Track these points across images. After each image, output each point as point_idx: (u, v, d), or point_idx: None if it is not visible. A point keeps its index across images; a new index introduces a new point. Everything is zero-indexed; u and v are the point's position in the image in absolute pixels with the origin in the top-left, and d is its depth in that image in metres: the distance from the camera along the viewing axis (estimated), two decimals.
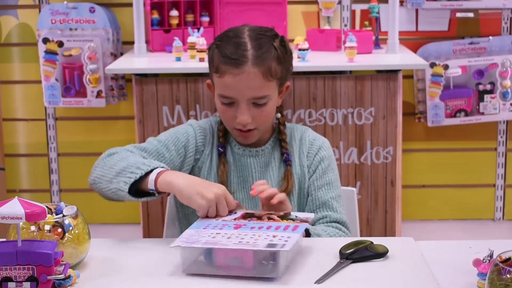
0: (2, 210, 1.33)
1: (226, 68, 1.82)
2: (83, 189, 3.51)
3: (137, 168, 1.70)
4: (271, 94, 1.86)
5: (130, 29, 3.18)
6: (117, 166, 1.74)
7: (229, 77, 1.82)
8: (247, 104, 1.83)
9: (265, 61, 1.81)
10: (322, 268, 1.50)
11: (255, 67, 1.80)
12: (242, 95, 1.82)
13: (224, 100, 1.86)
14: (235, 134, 1.91)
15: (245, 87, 1.81)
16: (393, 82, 2.91)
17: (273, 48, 1.84)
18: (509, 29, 3.40)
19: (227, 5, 3.20)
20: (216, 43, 1.89)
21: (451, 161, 3.50)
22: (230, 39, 1.86)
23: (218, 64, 1.84)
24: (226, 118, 1.89)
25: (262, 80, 1.82)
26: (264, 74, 1.81)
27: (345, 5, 3.36)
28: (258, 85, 1.82)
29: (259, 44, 1.83)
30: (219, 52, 1.85)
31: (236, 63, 1.81)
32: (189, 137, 1.92)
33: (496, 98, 3.35)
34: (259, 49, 1.82)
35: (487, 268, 1.36)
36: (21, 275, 1.35)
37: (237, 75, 1.81)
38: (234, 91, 1.82)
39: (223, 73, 1.83)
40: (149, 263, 1.56)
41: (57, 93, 3.27)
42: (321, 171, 1.94)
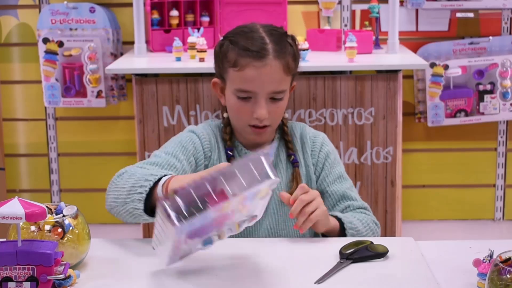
0: (2, 210, 1.33)
1: (247, 61, 1.78)
2: (83, 189, 3.51)
3: (145, 180, 1.62)
4: (287, 90, 1.84)
5: (130, 29, 3.18)
6: (127, 185, 1.67)
7: (251, 70, 1.78)
8: (266, 99, 1.80)
9: (284, 55, 1.80)
10: (322, 268, 1.50)
11: (276, 60, 1.78)
12: (263, 88, 1.79)
13: (242, 94, 1.81)
14: (248, 132, 1.86)
15: (267, 80, 1.78)
16: (393, 82, 2.91)
17: (289, 44, 1.83)
18: (509, 29, 3.40)
19: (227, 5, 3.20)
20: (229, 38, 1.84)
21: (451, 161, 3.50)
22: (245, 34, 1.82)
23: (237, 58, 1.79)
24: (241, 114, 1.83)
25: (282, 74, 1.80)
26: (284, 68, 1.80)
27: (345, 5, 3.36)
28: (279, 79, 1.80)
29: (276, 39, 1.81)
30: (236, 46, 1.80)
31: (258, 55, 1.77)
32: (195, 145, 1.86)
33: (496, 98, 3.35)
34: (278, 44, 1.80)
35: (487, 268, 1.36)
36: (21, 275, 1.35)
37: (260, 68, 1.77)
38: (256, 84, 1.79)
39: (244, 66, 1.78)
40: (149, 263, 1.56)
41: (57, 93, 3.27)
42: (329, 167, 1.93)
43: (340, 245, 1.59)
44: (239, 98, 1.81)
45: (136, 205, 1.61)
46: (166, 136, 2.93)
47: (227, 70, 1.83)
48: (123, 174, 1.73)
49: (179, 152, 1.81)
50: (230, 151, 1.88)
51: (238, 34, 1.83)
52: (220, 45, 1.86)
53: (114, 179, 1.75)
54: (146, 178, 1.62)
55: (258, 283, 1.45)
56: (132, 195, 1.62)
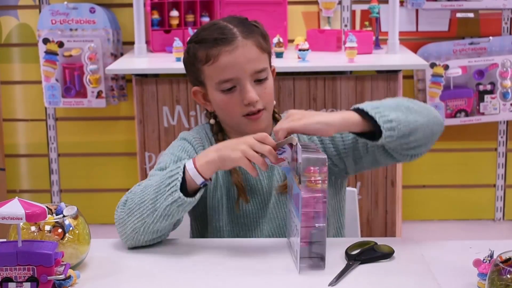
0: (2, 211, 1.33)
1: (218, 49, 1.72)
2: (83, 189, 3.51)
3: (169, 177, 1.57)
4: (268, 69, 1.77)
5: (130, 29, 3.18)
6: (147, 196, 1.59)
7: (225, 56, 1.71)
8: (250, 82, 1.73)
9: (253, 34, 1.74)
10: (331, 270, 1.49)
11: (247, 40, 1.73)
12: (244, 70, 1.72)
13: (225, 85, 1.73)
14: (244, 123, 1.76)
15: (244, 61, 1.72)
16: (393, 83, 2.91)
17: (254, 26, 1.78)
18: (509, 29, 3.40)
19: (227, 6, 3.20)
20: (193, 40, 1.78)
21: (451, 161, 3.50)
22: (208, 28, 1.77)
23: (207, 52, 1.73)
24: (230, 107, 1.76)
25: (257, 51, 1.74)
26: (257, 45, 1.74)
27: (345, 6, 3.36)
28: (256, 57, 1.73)
29: (240, 24, 1.76)
30: (202, 43, 1.75)
31: (227, 40, 1.72)
32: (189, 153, 1.78)
33: (496, 98, 3.35)
34: (243, 26, 1.75)
35: (487, 268, 1.35)
36: (22, 275, 1.35)
37: (232, 52, 1.71)
38: (234, 69, 1.72)
39: (217, 56, 1.72)
40: (149, 263, 1.56)
41: (57, 94, 3.27)
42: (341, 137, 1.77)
43: (345, 246, 1.59)
44: (224, 92, 1.74)
45: (174, 197, 1.55)
46: (166, 136, 2.93)
47: (201, 70, 1.76)
48: (129, 199, 1.64)
49: (173, 164, 1.73)
50: None
51: (200, 32, 1.78)
52: (186, 51, 1.81)
53: (120, 210, 1.65)
54: (168, 176, 1.58)
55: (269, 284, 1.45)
56: (162, 196, 1.57)
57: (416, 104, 1.70)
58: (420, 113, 1.67)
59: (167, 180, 1.57)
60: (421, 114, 1.67)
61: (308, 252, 1.50)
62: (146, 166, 2.96)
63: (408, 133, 1.64)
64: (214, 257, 1.58)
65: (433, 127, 1.70)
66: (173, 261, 1.56)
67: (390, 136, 1.61)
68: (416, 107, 1.68)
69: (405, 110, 1.65)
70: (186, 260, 1.57)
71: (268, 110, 1.78)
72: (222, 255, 1.59)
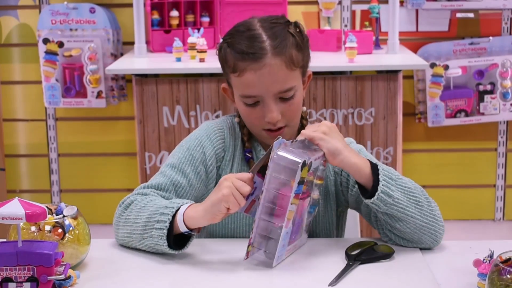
0: (2, 211, 1.33)
1: (244, 65, 1.65)
2: (83, 189, 3.51)
3: (160, 214, 1.55)
4: (297, 85, 1.69)
5: (130, 29, 3.18)
6: (140, 220, 1.59)
7: (250, 74, 1.65)
8: (274, 100, 1.67)
9: (285, 50, 1.65)
10: (331, 270, 1.49)
11: (276, 58, 1.64)
12: (267, 91, 1.65)
13: (247, 100, 1.68)
14: (264, 136, 1.73)
15: (269, 81, 1.65)
16: (393, 83, 2.91)
17: (290, 35, 1.68)
18: (509, 29, 3.40)
19: (227, 6, 3.20)
20: (227, 41, 1.70)
21: (451, 162, 3.50)
22: (241, 34, 1.68)
23: (235, 62, 1.67)
24: (252, 120, 1.71)
25: (286, 71, 1.65)
26: (286, 64, 1.65)
27: (345, 6, 3.36)
28: (283, 77, 1.65)
29: (275, 33, 1.67)
30: (233, 50, 1.67)
31: (254, 57, 1.64)
32: (205, 150, 1.74)
33: (496, 98, 3.35)
34: (276, 38, 1.66)
35: (487, 269, 1.35)
36: (22, 275, 1.35)
37: (258, 70, 1.64)
38: (258, 88, 1.66)
39: (243, 70, 1.65)
40: (149, 263, 1.56)
41: (57, 94, 3.27)
42: None
43: (345, 246, 1.59)
44: (246, 105, 1.69)
45: (158, 242, 1.55)
46: (166, 136, 2.93)
47: (229, 76, 1.71)
48: (131, 206, 1.64)
49: (186, 164, 1.72)
50: (249, 152, 1.77)
51: (234, 35, 1.70)
52: (219, 48, 1.74)
53: (121, 211, 1.65)
54: (161, 212, 1.56)
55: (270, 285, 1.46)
56: (150, 231, 1.56)
57: (430, 207, 1.63)
58: (424, 216, 1.61)
59: (159, 216, 1.56)
60: (424, 217, 1.61)
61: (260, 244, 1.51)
62: (146, 166, 2.96)
63: (398, 219, 1.60)
64: (214, 257, 1.58)
65: (424, 236, 1.62)
66: (173, 261, 1.56)
67: (377, 205, 1.57)
68: (427, 208, 1.62)
69: (413, 202, 1.60)
70: (186, 260, 1.57)
71: (291, 126, 1.74)
72: (222, 255, 1.59)
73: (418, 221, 1.59)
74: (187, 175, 1.71)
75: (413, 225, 1.59)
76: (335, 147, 1.56)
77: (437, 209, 1.65)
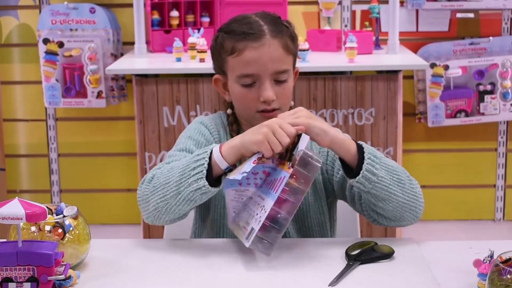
0: (2, 211, 1.33)
1: (244, 44, 1.74)
2: (83, 189, 3.51)
3: (195, 161, 1.58)
4: (290, 71, 1.79)
5: (131, 29, 3.18)
6: (172, 179, 1.60)
7: (250, 51, 1.74)
8: (270, 80, 1.75)
9: (281, 34, 1.76)
10: (331, 270, 1.49)
11: (274, 39, 1.75)
12: (265, 69, 1.74)
13: (245, 80, 1.76)
14: (257, 119, 1.76)
15: (267, 59, 1.74)
16: (393, 83, 2.91)
17: (284, 26, 1.80)
18: (509, 29, 3.40)
19: (227, 6, 3.20)
20: (224, 29, 1.81)
21: (451, 162, 3.50)
22: (239, 21, 1.80)
23: (234, 44, 1.76)
24: (247, 101, 1.78)
25: (283, 52, 1.76)
26: (283, 46, 1.76)
27: (345, 6, 3.36)
28: (280, 57, 1.75)
29: (271, 21, 1.79)
30: (231, 34, 1.77)
31: (255, 36, 1.74)
32: (205, 136, 1.82)
33: (497, 98, 3.35)
34: (273, 24, 1.77)
35: (487, 269, 1.36)
36: (22, 275, 1.35)
37: (258, 48, 1.74)
38: (256, 65, 1.74)
39: (242, 49, 1.75)
40: (149, 263, 1.56)
41: (57, 94, 3.27)
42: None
43: (345, 246, 1.59)
44: (243, 86, 1.76)
45: (200, 185, 1.56)
46: (166, 136, 2.93)
47: (225, 60, 1.79)
48: (155, 176, 1.64)
49: (192, 146, 1.77)
50: None
51: (231, 23, 1.81)
52: (215, 38, 1.83)
53: (146, 185, 1.65)
54: (194, 160, 1.58)
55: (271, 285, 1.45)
56: (185, 182, 1.57)
57: (411, 185, 1.70)
58: (406, 193, 1.67)
59: (194, 164, 1.58)
60: (406, 194, 1.67)
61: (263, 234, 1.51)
62: (146, 166, 2.96)
63: (381, 198, 1.63)
64: (214, 257, 1.58)
65: (406, 213, 1.69)
66: (173, 261, 1.56)
67: (362, 184, 1.60)
68: (408, 187, 1.68)
69: (396, 180, 1.65)
70: (186, 260, 1.57)
71: (283, 110, 1.79)
72: (222, 255, 1.59)
73: (400, 198, 1.65)
74: None
75: (396, 203, 1.65)
76: (324, 128, 1.61)
77: (418, 186, 1.72)
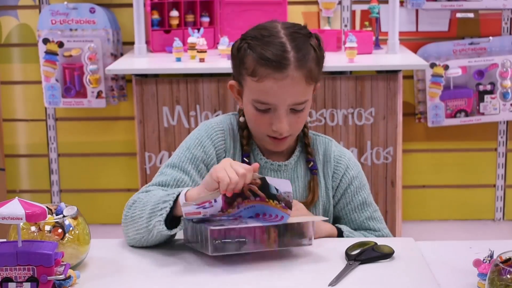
0: (2, 211, 1.33)
1: (267, 72, 1.64)
2: (83, 189, 3.51)
3: (163, 202, 1.55)
4: (309, 99, 1.71)
5: (130, 29, 3.18)
6: (144, 214, 1.59)
7: (271, 82, 1.64)
8: (286, 111, 1.67)
9: (306, 64, 1.66)
10: (331, 270, 1.49)
11: (298, 71, 1.65)
12: (284, 101, 1.65)
13: (260, 106, 1.67)
14: (267, 142, 1.73)
15: (288, 93, 1.65)
16: (393, 83, 2.91)
17: (312, 49, 1.69)
18: (509, 29, 3.40)
19: (227, 6, 3.20)
20: (248, 41, 1.68)
21: (451, 162, 3.50)
22: (264, 38, 1.66)
23: (255, 66, 1.65)
24: (259, 125, 1.71)
25: (304, 85, 1.67)
26: (306, 78, 1.66)
27: (345, 6, 3.36)
28: (301, 91, 1.67)
29: (299, 45, 1.67)
30: (255, 53, 1.65)
31: (278, 66, 1.63)
32: (205, 149, 1.73)
33: (496, 98, 3.35)
34: (300, 51, 1.66)
35: (487, 269, 1.35)
36: (22, 275, 1.35)
37: (280, 80, 1.63)
38: (275, 97, 1.65)
39: (263, 77, 1.64)
40: (149, 263, 1.56)
41: (57, 94, 3.27)
42: (351, 194, 1.81)
43: (345, 246, 1.59)
44: (257, 110, 1.68)
45: (159, 227, 1.55)
46: (166, 136, 2.93)
47: (244, 77, 1.69)
48: (135, 204, 1.64)
49: (187, 163, 1.71)
50: (247, 157, 1.76)
51: (256, 38, 1.67)
52: (237, 47, 1.71)
53: (126, 211, 1.65)
54: (164, 200, 1.56)
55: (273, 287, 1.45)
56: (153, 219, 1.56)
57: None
58: None
59: (161, 205, 1.56)
60: None
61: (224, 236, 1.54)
62: (146, 166, 2.96)
63: None
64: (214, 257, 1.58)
65: None
66: (173, 261, 1.56)
67: None
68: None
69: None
70: (186, 260, 1.57)
71: (294, 135, 1.75)
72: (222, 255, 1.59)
73: None
74: (188, 172, 1.71)
75: None
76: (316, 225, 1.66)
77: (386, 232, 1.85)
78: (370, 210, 1.83)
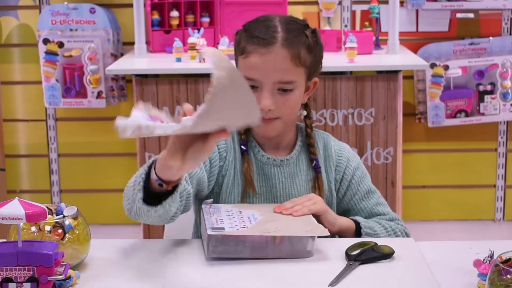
0: (2, 211, 1.33)
1: (253, 47, 1.70)
2: (83, 189, 3.51)
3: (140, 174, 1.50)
4: (298, 82, 1.72)
5: (131, 29, 3.18)
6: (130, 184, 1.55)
7: (255, 57, 1.70)
8: (272, 89, 1.70)
9: (294, 45, 1.70)
10: (331, 270, 1.50)
11: (284, 49, 1.69)
12: (267, 76, 1.69)
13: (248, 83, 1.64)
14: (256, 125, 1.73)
15: (271, 68, 1.69)
16: (393, 83, 2.91)
17: (304, 35, 1.73)
18: (509, 29, 3.40)
19: (228, 6, 3.20)
20: (245, 27, 1.77)
21: (451, 162, 3.50)
22: (260, 22, 1.75)
23: (245, 45, 1.72)
24: None
25: (290, 64, 1.70)
26: (292, 57, 1.70)
27: (345, 6, 3.36)
28: (285, 68, 1.70)
29: (290, 28, 1.72)
30: (248, 34, 1.73)
31: (264, 42, 1.69)
32: None
33: (497, 98, 3.35)
34: (290, 33, 1.71)
35: (487, 269, 1.35)
36: (22, 275, 1.35)
37: (263, 55, 1.69)
38: (259, 72, 1.70)
39: (249, 53, 1.71)
40: (149, 263, 1.56)
41: (57, 94, 3.28)
42: (356, 184, 1.85)
43: (345, 246, 1.59)
44: None
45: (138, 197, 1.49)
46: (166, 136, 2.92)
47: (237, 58, 1.76)
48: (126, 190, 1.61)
49: None
50: (244, 145, 1.79)
51: (252, 22, 1.77)
52: (237, 33, 1.79)
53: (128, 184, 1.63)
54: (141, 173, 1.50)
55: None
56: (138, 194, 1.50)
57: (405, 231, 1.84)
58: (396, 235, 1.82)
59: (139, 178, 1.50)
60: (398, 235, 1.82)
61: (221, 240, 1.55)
62: None
63: None
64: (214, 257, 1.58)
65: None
66: (174, 261, 1.56)
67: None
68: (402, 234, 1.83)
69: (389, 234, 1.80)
70: (186, 259, 1.57)
71: (284, 120, 1.76)
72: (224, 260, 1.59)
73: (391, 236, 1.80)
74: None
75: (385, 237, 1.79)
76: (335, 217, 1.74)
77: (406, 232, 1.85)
78: (375, 196, 1.87)
